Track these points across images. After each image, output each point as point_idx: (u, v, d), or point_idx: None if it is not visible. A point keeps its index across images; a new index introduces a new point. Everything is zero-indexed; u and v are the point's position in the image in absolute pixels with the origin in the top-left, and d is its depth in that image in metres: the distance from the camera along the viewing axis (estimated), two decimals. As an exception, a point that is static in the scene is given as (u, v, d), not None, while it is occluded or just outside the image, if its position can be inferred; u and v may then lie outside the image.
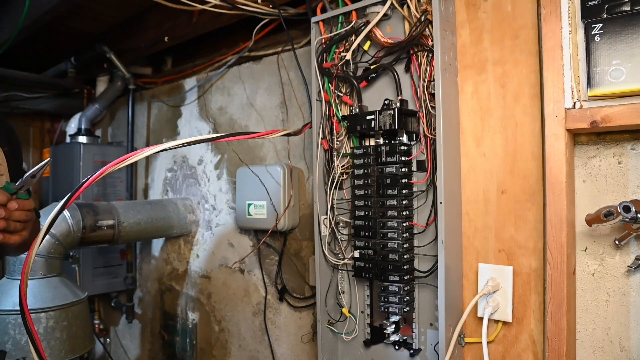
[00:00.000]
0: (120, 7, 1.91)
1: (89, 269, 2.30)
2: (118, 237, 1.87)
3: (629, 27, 0.90)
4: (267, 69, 1.82)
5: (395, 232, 1.17)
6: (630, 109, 0.90)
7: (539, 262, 1.08)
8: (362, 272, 1.24)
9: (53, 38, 2.16)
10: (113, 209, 1.88)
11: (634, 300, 0.98)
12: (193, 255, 2.16)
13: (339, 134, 1.32)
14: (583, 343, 1.04)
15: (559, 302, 0.97)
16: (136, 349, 2.51)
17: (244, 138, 1.53)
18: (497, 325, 1.13)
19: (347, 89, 1.31)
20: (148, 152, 0.98)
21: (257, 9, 1.55)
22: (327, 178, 1.33)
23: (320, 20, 1.32)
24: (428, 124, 1.15)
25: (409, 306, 1.19)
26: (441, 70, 1.09)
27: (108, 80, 2.51)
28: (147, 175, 2.45)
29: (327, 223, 1.33)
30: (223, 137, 1.14)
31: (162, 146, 0.99)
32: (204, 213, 2.11)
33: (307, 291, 1.67)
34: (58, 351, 1.60)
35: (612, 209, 0.90)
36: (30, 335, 0.92)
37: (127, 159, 0.95)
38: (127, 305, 2.49)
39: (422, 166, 1.20)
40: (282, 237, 1.73)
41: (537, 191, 1.08)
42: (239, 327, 1.93)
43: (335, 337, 1.37)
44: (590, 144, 1.02)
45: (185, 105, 2.21)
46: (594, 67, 0.93)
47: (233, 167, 1.95)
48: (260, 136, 1.22)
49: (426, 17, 1.13)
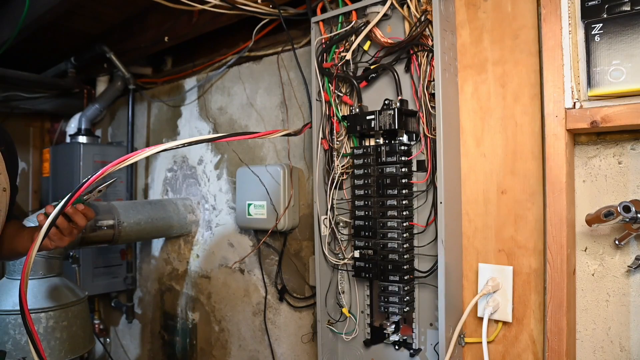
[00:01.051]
0: (120, 7, 1.91)
1: (89, 269, 2.30)
2: (118, 237, 1.87)
3: (629, 27, 0.90)
4: (267, 69, 1.82)
5: (395, 232, 1.17)
6: (630, 109, 0.90)
7: (539, 262, 1.08)
8: (362, 272, 1.24)
9: (53, 38, 2.16)
10: (113, 209, 1.88)
11: (634, 300, 0.98)
12: (193, 255, 2.16)
13: (339, 134, 1.32)
14: (583, 343, 1.04)
15: (559, 302, 0.97)
16: (136, 349, 2.51)
17: (244, 138, 1.53)
18: (497, 325, 1.13)
19: (347, 89, 1.31)
20: (148, 152, 0.98)
21: (257, 9, 1.55)
22: (327, 178, 1.33)
23: (320, 20, 1.32)
24: (428, 124, 1.15)
25: (409, 306, 1.19)
26: (441, 70, 1.09)
27: (108, 80, 2.51)
28: (147, 175, 2.45)
29: (327, 223, 1.33)
30: (223, 138, 1.14)
31: (163, 146, 0.99)
32: (204, 213, 2.11)
33: (307, 291, 1.67)
34: (58, 351, 1.60)
35: (612, 209, 0.90)
36: (30, 335, 0.92)
37: (128, 159, 0.95)
38: (127, 305, 2.49)
39: (422, 166, 1.20)
40: (282, 237, 1.73)
41: (537, 191, 1.08)
42: (239, 327, 1.93)
43: (335, 337, 1.37)
44: (590, 144, 1.02)
45: (185, 105, 2.21)
46: (594, 67, 0.93)
47: (233, 167, 1.95)
48: (260, 136, 1.22)
49: (426, 17, 1.13)
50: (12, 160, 1.14)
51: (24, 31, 1.89)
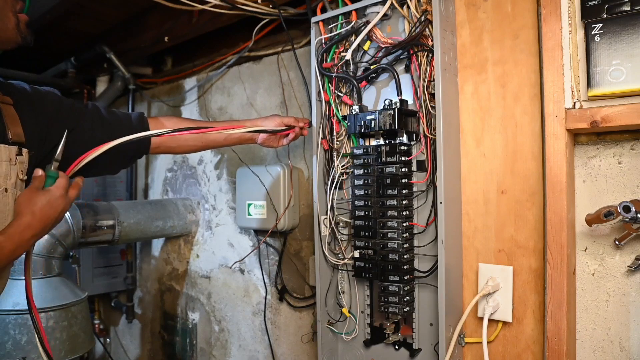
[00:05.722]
0: (120, 7, 1.91)
1: (89, 269, 2.30)
2: (118, 237, 1.87)
3: (629, 27, 0.90)
4: (267, 69, 1.82)
5: (395, 232, 1.17)
6: (630, 109, 0.90)
7: (539, 262, 1.08)
8: (362, 272, 1.24)
9: (53, 38, 2.16)
10: (113, 209, 1.88)
11: (634, 300, 0.98)
12: (193, 255, 2.16)
13: (339, 134, 1.32)
14: (583, 343, 1.04)
15: (559, 302, 0.97)
16: (136, 349, 2.51)
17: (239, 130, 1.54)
18: (497, 325, 1.13)
19: (347, 89, 1.31)
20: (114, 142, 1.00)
21: (257, 9, 1.55)
22: (327, 178, 1.33)
23: (320, 20, 1.32)
24: (428, 124, 1.15)
25: (409, 306, 1.19)
26: (441, 70, 1.09)
27: (108, 80, 2.51)
28: (147, 175, 2.45)
29: (327, 223, 1.33)
30: (192, 130, 1.15)
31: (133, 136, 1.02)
32: (204, 213, 2.11)
33: (307, 291, 1.67)
34: (58, 351, 1.60)
35: (612, 209, 0.90)
36: (38, 332, 0.94)
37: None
38: (127, 305, 2.49)
39: (422, 166, 1.20)
40: (282, 237, 1.73)
41: (537, 191, 1.08)
42: (239, 327, 1.93)
43: (335, 337, 1.37)
44: (590, 144, 1.02)
45: (185, 105, 2.21)
46: (594, 67, 0.93)
47: (233, 167, 1.95)
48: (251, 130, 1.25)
49: (426, 17, 1.13)
50: (41, 113, 1.03)
51: (24, 31, 1.89)
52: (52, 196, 0.90)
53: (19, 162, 0.94)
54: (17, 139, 0.94)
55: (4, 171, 0.91)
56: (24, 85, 1.05)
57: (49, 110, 1.04)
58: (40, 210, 0.88)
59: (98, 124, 1.13)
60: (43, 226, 0.90)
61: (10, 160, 0.92)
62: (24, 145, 0.96)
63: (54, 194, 0.91)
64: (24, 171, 0.96)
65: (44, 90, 1.08)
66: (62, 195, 0.92)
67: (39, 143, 1.00)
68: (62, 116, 1.06)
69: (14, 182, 0.93)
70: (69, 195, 0.94)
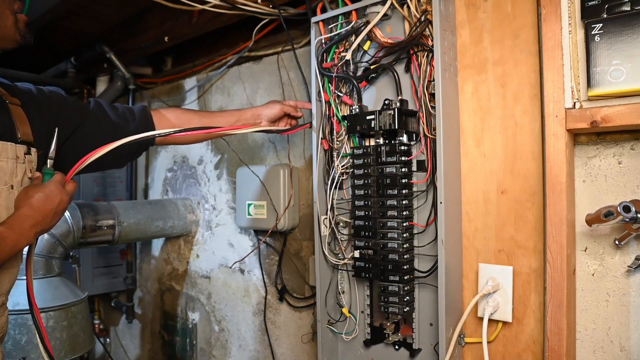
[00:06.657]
0: (120, 7, 1.91)
1: (89, 269, 2.30)
2: (118, 237, 1.87)
3: (629, 27, 0.90)
4: (267, 69, 1.82)
5: (395, 232, 1.17)
6: (630, 109, 0.90)
7: (539, 262, 1.08)
8: (362, 272, 1.24)
9: (53, 38, 2.16)
10: (113, 209, 1.88)
11: (634, 300, 0.98)
12: (193, 255, 2.16)
13: (339, 134, 1.32)
14: (583, 343, 1.04)
15: (559, 302, 0.97)
16: (136, 349, 2.51)
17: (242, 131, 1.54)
18: (497, 325, 1.13)
19: (347, 89, 1.31)
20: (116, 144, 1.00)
21: (257, 9, 1.55)
22: (327, 178, 1.33)
23: (320, 20, 1.32)
24: (428, 124, 1.15)
25: (409, 306, 1.19)
26: (441, 70, 1.09)
27: (108, 80, 2.51)
28: (147, 175, 2.45)
29: (327, 223, 1.33)
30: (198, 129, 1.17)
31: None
32: (204, 213, 2.11)
33: (307, 291, 1.67)
34: (58, 351, 1.60)
35: (612, 209, 0.90)
36: (39, 332, 0.94)
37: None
38: (127, 305, 2.49)
39: (422, 166, 1.20)
40: (282, 237, 1.73)
41: (537, 191, 1.08)
42: (239, 327, 1.93)
43: (335, 337, 1.37)
44: (590, 144, 1.02)
45: (185, 105, 2.21)
46: (594, 67, 0.93)
47: (233, 167, 1.95)
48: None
49: (426, 17, 1.13)
50: (47, 113, 1.04)
51: (24, 31, 1.89)
52: (47, 189, 0.92)
53: (28, 161, 0.96)
54: (26, 139, 0.96)
55: (10, 168, 0.92)
56: (29, 87, 1.07)
57: (55, 110, 1.06)
58: (36, 201, 0.90)
59: (102, 120, 1.14)
60: (42, 217, 0.91)
61: (18, 159, 0.94)
62: (33, 145, 0.98)
63: (49, 186, 0.93)
64: (32, 170, 0.98)
65: (49, 90, 1.10)
66: (58, 187, 0.94)
67: (46, 142, 1.01)
68: (67, 115, 1.08)
69: (21, 180, 0.95)
70: (67, 189, 0.96)
